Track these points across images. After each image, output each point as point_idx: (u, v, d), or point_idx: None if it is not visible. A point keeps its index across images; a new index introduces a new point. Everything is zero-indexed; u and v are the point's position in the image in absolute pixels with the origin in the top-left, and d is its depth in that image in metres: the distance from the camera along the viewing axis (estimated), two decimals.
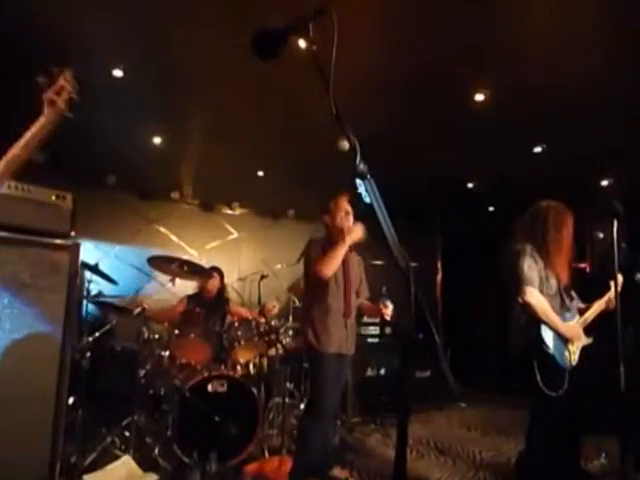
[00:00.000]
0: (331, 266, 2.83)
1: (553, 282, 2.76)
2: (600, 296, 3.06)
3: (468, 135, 4.67)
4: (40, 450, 2.78)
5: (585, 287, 3.17)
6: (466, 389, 5.97)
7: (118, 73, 3.54)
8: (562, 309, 2.80)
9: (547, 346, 2.61)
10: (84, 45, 3.23)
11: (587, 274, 3.56)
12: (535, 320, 2.64)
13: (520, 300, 2.65)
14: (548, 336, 2.64)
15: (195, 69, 3.58)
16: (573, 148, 4.82)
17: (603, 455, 3.80)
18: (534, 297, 2.61)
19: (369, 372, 5.48)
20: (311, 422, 2.89)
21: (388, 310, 2.99)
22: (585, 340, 2.89)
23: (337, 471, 3.37)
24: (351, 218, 3.08)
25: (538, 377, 2.57)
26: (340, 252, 2.84)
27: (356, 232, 2.91)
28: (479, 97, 3.86)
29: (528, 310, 2.64)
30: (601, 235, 5.65)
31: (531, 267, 2.66)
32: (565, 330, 2.69)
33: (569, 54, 3.28)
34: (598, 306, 3.02)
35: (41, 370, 2.82)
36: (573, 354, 2.76)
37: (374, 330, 5.71)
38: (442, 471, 3.68)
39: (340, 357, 2.95)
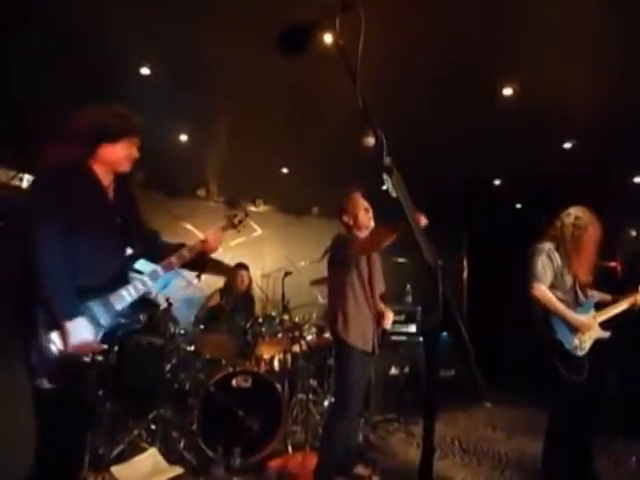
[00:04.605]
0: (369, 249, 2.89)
1: (568, 279, 2.97)
2: (627, 295, 3.20)
3: (495, 131, 4.58)
4: None
5: (615, 286, 3.27)
6: (491, 389, 5.88)
7: (145, 71, 3.59)
8: (576, 304, 3.00)
9: (554, 331, 2.87)
10: (112, 43, 3.28)
11: (618, 273, 3.49)
12: (545, 311, 2.90)
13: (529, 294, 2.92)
14: (556, 323, 2.89)
15: (221, 67, 3.61)
16: (604, 144, 4.70)
17: (633, 459, 3.72)
18: (539, 291, 2.89)
19: (393, 370, 5.43)
20: (336, 419, 2.86)
21: (387, 321, 3.10)
22: (600, 333, 3.04)
23: (360, 469, 3.36)
24: (371, 214, 3.07)
25: (556, 362, 2.81)
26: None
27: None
28: (507, 92, 3.79)
29: (537, 303, 2.91)
30: (633, 233, 5.50)
31: (545, 265, 2.92)
32: (571, 318, 2.90)
33: (600, 48, 3.20)
34: (618, 305, 3.16)
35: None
36: (583, 342, 2.94)
37: (399, 327, 5.63)
38: (466, 471, 3.63)
39: (366, 355, 2.89)
